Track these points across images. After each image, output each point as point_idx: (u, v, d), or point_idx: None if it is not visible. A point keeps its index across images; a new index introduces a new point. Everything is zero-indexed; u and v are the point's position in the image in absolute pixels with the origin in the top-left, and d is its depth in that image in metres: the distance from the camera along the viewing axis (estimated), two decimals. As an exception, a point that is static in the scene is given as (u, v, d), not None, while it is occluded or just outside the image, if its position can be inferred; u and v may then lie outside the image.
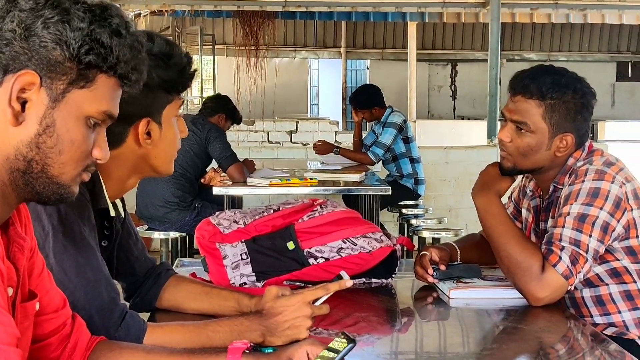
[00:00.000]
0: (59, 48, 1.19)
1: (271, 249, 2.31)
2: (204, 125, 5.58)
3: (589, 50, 18.92)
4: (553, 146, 2.38)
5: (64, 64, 1.20)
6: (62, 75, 1.21)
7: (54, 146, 1.22)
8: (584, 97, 2.36)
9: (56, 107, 1.21)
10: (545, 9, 10.51)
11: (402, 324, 2.22)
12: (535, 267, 2.20)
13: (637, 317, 2.32)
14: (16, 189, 1.23)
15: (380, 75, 18.95)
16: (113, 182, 1.81)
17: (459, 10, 10.79)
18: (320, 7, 10.71)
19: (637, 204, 2.28)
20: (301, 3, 10.09)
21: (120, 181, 1.84)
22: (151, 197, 5.53)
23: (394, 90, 17.76)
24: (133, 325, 1.68)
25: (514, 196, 2.70)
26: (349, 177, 5.59)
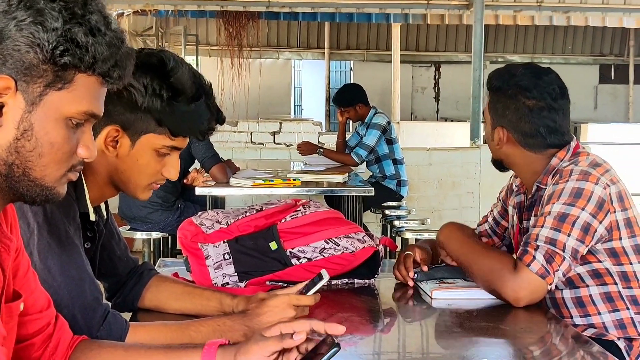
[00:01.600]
0: (32, 51, 1.17)
1: (254, 249, 2.31)
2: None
3: (572, 53, 19.00)
4: (495, 138, 2.46)
5: (38, 66, 1.18)
6: (37, 78, 1.19)
7: (33, 150, 1.21)
8: (538, 100, 2.37)
9: (33, 110, 1.20)
10: (529, 11, 10.56)
11: (385, 325, 2.22)
12: (506, 269, 2.21)
13: (616, 319, 2.33)
14: (1, 192, 1.22)
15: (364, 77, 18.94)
16: (92, 183, 1.79)
17: (442, 11, 10.83)
18: (303, 7, 10.72)
19: (621, 206, 2.28)
20: (285, 4, 10.09)
21: (97, 185, 1.81)
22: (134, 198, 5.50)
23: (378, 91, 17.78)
24: (115, 325, 1.68)
25: (502, 195, 2.72)
26: (332, 178, 5.58)
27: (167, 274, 2.24)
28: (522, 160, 2.45)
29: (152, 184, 1.86)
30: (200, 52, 16.28)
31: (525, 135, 2.41)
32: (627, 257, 2.30)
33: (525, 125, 2.40)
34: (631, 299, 2.32)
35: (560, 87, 2.41)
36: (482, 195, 8.25)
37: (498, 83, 2.45)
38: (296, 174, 5.60)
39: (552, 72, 2.43)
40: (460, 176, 8.35)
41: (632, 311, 2.32)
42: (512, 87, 2.40)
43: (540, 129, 2.39)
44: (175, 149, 1.84)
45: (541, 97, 2.37)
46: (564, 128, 2.42)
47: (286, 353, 1.39)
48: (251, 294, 1.96)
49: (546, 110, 2.38)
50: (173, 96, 1.76)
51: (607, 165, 2.36)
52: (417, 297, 2.37)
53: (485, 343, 2.02)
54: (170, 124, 1.78)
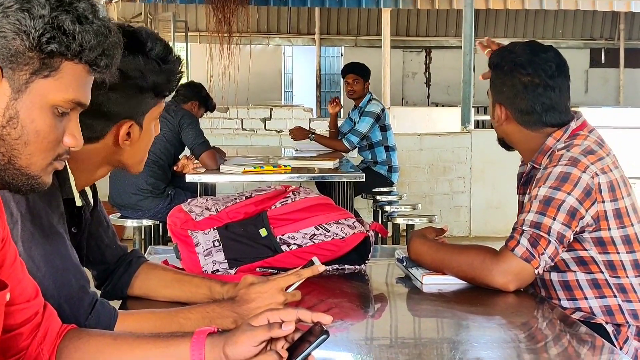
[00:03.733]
0: (19, 38, 1.17)
1: (244, 236, 2.30)
2: (177, 112, 5.54)
3: (562, 37, 19.01)
4: (495, 115, 2.47)
5: (25, 54, 1.18)
6: (24, 65, 1.19)
7: (18, 137, 1.21)
8: (533, 76, 2.38)
9: (19, 98, 1.19)
10: (519, -5, 10.54)
11: (376, 310, 2.22)
12: (487, 259, 2.21)
13: (603, 305, 2.32)
14: None
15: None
16: (82, 173, 1.79)
17: (432, -4, 10.80)
18: (293, -7, 10.67)
19: (611, 196, 2.27)
20: (274, -11, 10.04)
21: (89, 172, 1.82)
22: (124, 185, 5.50)
23: (368, 76, 17.74)
24: (103, 313, 1.67)
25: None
26: (323, 164, 5.58)
27: (157, 262, 2.24)
28: (521, 137, 2.46)
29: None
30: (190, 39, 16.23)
31: (521, 112, 2.41)
32: (614, 247, 2.29)
33: (521, 102, 2.40)
34: (618, 287, 2.31)
35: (558, 65, 2.39)
36: (473, 180, 8.26)
37: (497, 59, 2.46)
38: (287, 160, 5.60)
39: (551, 50, 2.43)
40: (451, 161, 8.36)
41: (620, 298, 2.31)
42: (509, 63, 2.41)
43: (535, 106, 2.39)
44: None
45: (536, 74, 2.37)
46: (561, 106, 2.40)
47: (274, 341, 1.38)
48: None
49: (541, 87, 2.37)
50: (163, 62, 1.80)
51: (603, 153, 2.33)
52: (408, 283, 2.37)
53: (475, 327, 2.02)
54: (165, 89, 1.84)
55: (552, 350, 1.83)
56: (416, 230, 2.53)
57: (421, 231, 2.50)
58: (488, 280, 2.19)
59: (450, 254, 2.31)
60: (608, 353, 1.81)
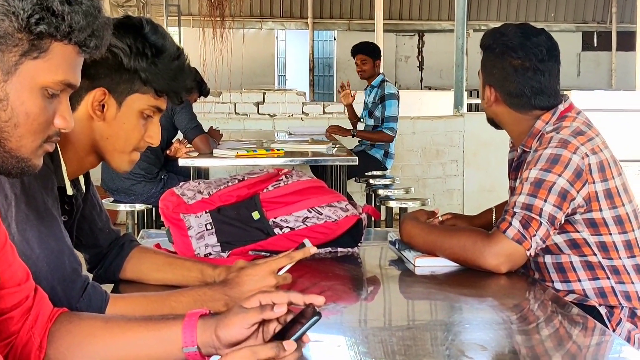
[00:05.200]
0: (7, 19, 1.16)
1: (236, 219, 2.30)
2: (169, 96, 5.52)
3: (554, 20, 19.01)
4: (485, 96, 2.48)
5: (14, 35, 1.17)
6: (13, 47, 1.18)
7: (8, 120, 1.20)
8: (523, 60, 2.37)
9: (9, 80, 1.19)
10: (511, -22, 10.51)
11: (369, 293, 2.22)
12: (478, 241, 2.21)
13: (596, 286, 2.33)
14: None
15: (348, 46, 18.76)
16: (71, 155, 1.77)
17: (425, -21, 10.76)
18: (286, -24, 10.63)
19: (601, 176, 2.27)
20: (267, -28, 10.00)
21: (77, 156, 1.79)
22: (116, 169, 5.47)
23: (361, 60, 17.69)
24: (95, 296, 1.67)
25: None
26: (316, 147, 5.59)
27: (150, 245, 2.23)
28: (510, 119, 2.46)
29: (134, 152, 1.84)
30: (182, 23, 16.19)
31: (510, 95, 2.41)
32: (606, 228, 2.29)
33: (510, 85, 2.40)
34: (612, 268, 2.32)
35: (549, 48, 2.39)
36: (465, 164, 8.26)
37: (488, 41, 2.46)
38: (280, 144, 5.59)
39: (542, 34, 2.42)
40: (444, 145, 8.36)
41: (613, 280, 2.32)
42: (500, 46, 2.41)
43: (525, 90, 2.39)
44: (157, 110, 1.84)
45: (526, 58, 2.37)
46: (550, 90, 2.40)
47: (267, 323, 1.38)
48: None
49: (531, 70, 2.37)
50: (156, 54, 1.77)
51: (592, 133, 2.34)
52: (401, 265, 2.37)
53: (468, 309, 2.02)
54: (155, 83, 1.78)
55: (544, 332, 1.83)
56: (408, 213, 2.54)
57: (413, 214, 2.50)
58: (480, 262, 2.19)
59: (442, 237, 2.32)
60: (600, 335, 1.81)
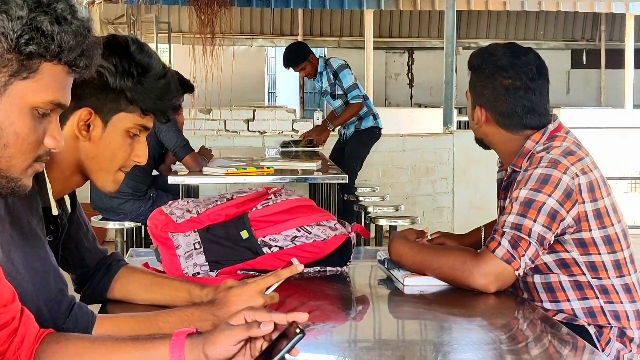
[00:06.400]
0: None
1: (225, 238, 2.29)
2: (154, 114, 5.50)
3: (544, 38, 19.09)
4: (475, 117, 2.47)
5: (3, 55, 1.17)
6: (2, 67, 1.18)
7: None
8: (514, 79, 2.38)
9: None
10: (501, -4, 10.57)
11: (358, 312, 2.22)
12: (467, 260, 2.21)
13: (585, 306, 2.33)
14: None
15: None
16: (56, 175, 1.76)
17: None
18: (276, -6, 10.67)
19: (591, 197, 2.27)
20: (257, -10, 10.03)
21: (62, 176, 1.78)
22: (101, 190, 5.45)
23: (351, 78, 17.72)
24: (81, 317, 1.66)
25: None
26: (306, 165, 5.59)
27: (138, 264, 2.23)
28: (500, 139, 2.46)
29: (120, 172, 1.83)
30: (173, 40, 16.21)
31: (502, 115, 2.41)
32: (595, 248, 2.30)
33: (502, 105, 2.40)
34: (601, 288, 2.32)
35: (539, 67, 2.40)
36: (455, 181, 8.27)
37: (477, 62, 2.46)
38: (270, 161, 5.59)
39: (531, 53, 2.43)
40: (433, 162, 8.37)
41: (602, 300, 2.32)
42: (490, 66, 2.41)
43: (516, 109, 2.39)
44: (144, 129, 1.83)
45: (517, 77, 2.37)
46: (541, 109, 2.41)
47: (253, 340, 1.39)
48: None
49: (522, 90, 2.38)
50: (142, 73, 1.77)
51: (582, 153, 2.34)
52: (390, 284, 2.37)
53: (457, 329, 2.02)
54: (141, 101, 1.78)
55: (533, 352, 1.83)
56: (397, 232, 2.54)
57: (402, 233, 2.50)
58: (469, 282, 2.19)
59: (431, 256, 2.31)
60: (589, 354, 1.81)
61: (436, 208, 8.36)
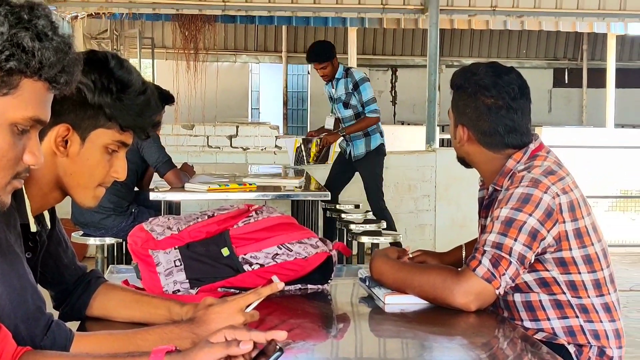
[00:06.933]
0: None
1: (205, 256, 2.28)
2: (135, 130, 5.48)
3: (526, 57, 19.22)
4: (457, 136, 2.48)
5: None
6: None
7: None
8: (496, 98, 2.39)
9: None
10: (483, 15, 10.63)
11: (338, 330, 2.21)
12: (448, 279, 2.21)
13: (565, 325, 2.33)
14: None
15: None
16: (34, 191, 1.75)
17: (398, 16, 10.87)
18: (260, 11, 10.70)
19: (571, 216, 2.28)
20: (241, 7, 10.04)
21: (41, 192, 1.77)
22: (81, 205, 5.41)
23: (335, 95, 17.76)
24: (59, 335, 1.64)
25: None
26: (289, 182, 5.58)
27: (118, 281, 2.21)
28: (482, 158, 2.46)
29: (99, 187, 1.82)
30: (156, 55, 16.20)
31: (484, 134, 2.42)
32: (576, 267, 2.30)
33: (484, 124, 2.41)
34: (580, 307, 2.32)
35: (520, 87, 2.41)
36: (437, 199, 8.29)
37: (460, 81, 2.46)
38: (252, 178, 5.58)
39: (513, 72, 2.44)
40: (416, 179, 8.38)
41: (582, 319, 2.33)
42: (472, 85, 2.41)
43: (498, 128, 2.40)
44: (123, 145, 1.83)
45: (500, 97, 2.38)
46: (523, 128, 2.42)
47: (233, 359, 1.38)
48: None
49: (504, 109, 2.39)
50: (122, 89, 1.76)
51: (562, 173, 2.35)
52: (371, 302, 2.36)
53: (437, 348, 2.02)
54: (120, 118, 1.77)
55: (514, 371, 1.83)
56: (378, 250, 2.53)
57: (383, 251, 2.50)
58: (450, 300, 2.19)
59: (412, 274, 2.31)
60: (569, 373, 1.81)
61: (418, 225, 8.36)
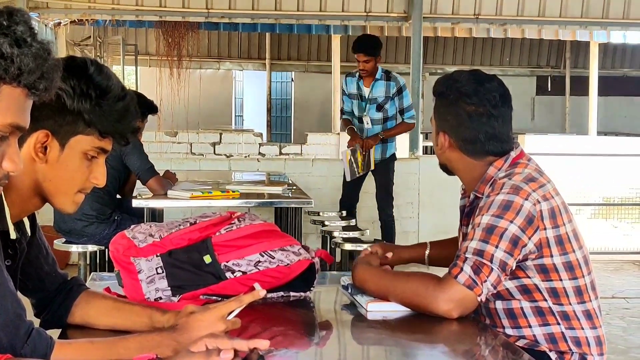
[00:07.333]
0: None
1: (187, 263, 2.27)
2: (118, 137, 5.44)
3: (509, 65, 19.31)
4: (439, 142, 2.49)
5: None
6: None
7: None
8: (477, 106, 2.40)
9: None
10: (467, 23, 10.68)
11: (321, 338, 2.21)
12: (430, 286, 2.21)
13: (547, 332, 2.34)
14: None
15: (305, 87, 18.98)
16: (14, 198, 1.74)
17: (381, 23, 10.90)
18: (243, 18, 10.70)
19: (552, 223, 2.29)
20: (224, 14, 10.04)
21: (20, 198, 1.76)
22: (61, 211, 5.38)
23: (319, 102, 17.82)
24: (40, 342, 1.63)
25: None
26: (272, 189, 5.57)
27: (100, 289, 2.20)
28: (463, 165, 2.47)
29: (79, 193, 1.81)
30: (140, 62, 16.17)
31: (465, 141, 2.43)
32: (557, 274, 2.31)
33: (465, 131, 2.42)
34: (562, 314, 2.33)
35: (502, 94, 2.42)
36: (421, 206, 8.30)
37: (442, 88, 2.47)
38: (235, 185, 5.57)
39: (494, 80, 2.45)
40: (399, 186, 8.37)
41: (563, 326, 2.33)
42: (454, 92, 2.42)
43: (479, 135, 2.41)
44: (102, 151, 1.81)
45: (481, 104, 2.39)
46: (503, 135, 2.43)
47: None
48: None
49: (485, 116, 2.40)
50: (101, 95, 1.75)
51: (543, 180, 2.36)
52: (353, 310, 2.36)
53: (420, 355, 2.02)
54: (99, 124, 1.76)
55: (495, 378, 1.83)
56: (361, 257, 2.53)
57: (365, 258, 2.50)
58: (432, 308, 2.19)
59: (394, 281, 2.31)
60: (550, 380, 1.81)
61: (402, 232, 8.36)
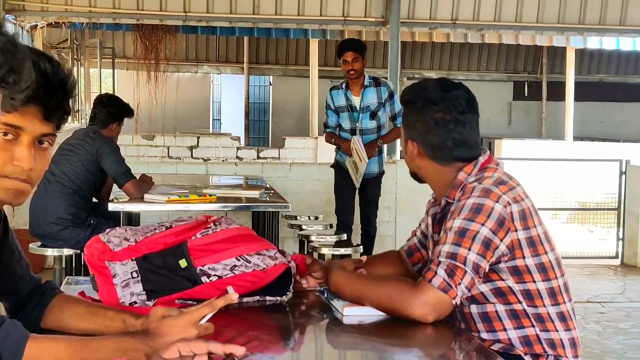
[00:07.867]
0: None
1: (163, 267, 2.26)
2: (95, 140, 5.42)
3: (486, 70, 19.42)
4: (408, 150, 2.50)
5: None
6: None
7: None
8: (444, 112, 2.41)
9: None
10: (444, 28, 10.73)
11: (296, 342, 2.21)
12: (405, 290, 2.22)
13: (522, 335, 2.35)
14: None
15: (283, 91, 18.98)
16: None
17: (359, 28, 10.93)
18: (221, 22, 10.68)
19: (523, 225, 2.30)
20: (202, 17, 10.03)
21: None
22: (43, 214, 5.36)
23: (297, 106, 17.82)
24: (14, 330, 1.60)
25: (427, 207, 2.70)
26: (249, 193, 5.56)
27: (75, 293, 2.19)
28: (433, 172, 2.48)
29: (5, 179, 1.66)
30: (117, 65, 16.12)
31: (433, 148, 2.44)
32: (530, 276, 2.32)
33: (432, 138, 2.43)
34: (536, 316, 2.34)
35: (468, 101, 2.44)
36: (398, 210, 8.31)
37: (409, 96, 2.49)
38: (212, 189, 5.56)
39: (461, 87, 2.47)
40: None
41: (538, 328, 2.34)
42: (421, 100, 2.44)
43: (447, 142, 2.42)
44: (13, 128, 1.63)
45: (447, 111, 2.41)
46: (471, 141, 2.45)
47: None
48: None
49: (452, 123, 2.41)
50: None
51: (513, 183, 2.38)
52: (329, 314, 2.36)
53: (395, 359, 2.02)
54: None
55: (470, 382, 1.84)
56: (335, 262, 2.53)
57: (340, 263, 2.50)
58: (407, 312, 2.19)
59: (369, 286, 2.32)
60: (524, 384, 1.82)
61: (379, 237, 8.35)
